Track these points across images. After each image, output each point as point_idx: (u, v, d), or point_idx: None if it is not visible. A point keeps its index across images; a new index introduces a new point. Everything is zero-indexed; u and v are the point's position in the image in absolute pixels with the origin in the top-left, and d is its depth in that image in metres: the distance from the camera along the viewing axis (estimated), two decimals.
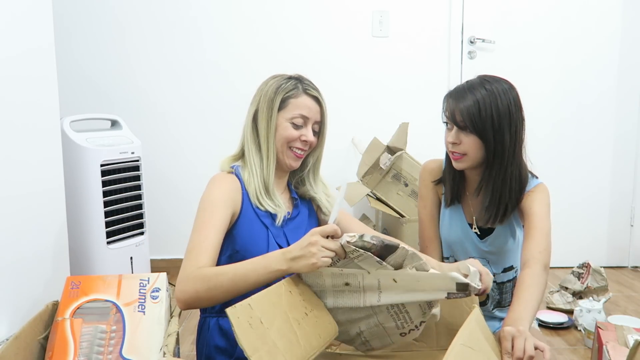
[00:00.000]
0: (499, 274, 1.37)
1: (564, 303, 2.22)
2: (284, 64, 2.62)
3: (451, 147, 1.27)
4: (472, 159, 1.26)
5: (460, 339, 0.79)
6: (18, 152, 1.38)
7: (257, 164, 1.21)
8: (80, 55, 2.66)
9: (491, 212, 1.28)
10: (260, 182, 1.20)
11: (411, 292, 0.96)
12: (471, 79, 1.29)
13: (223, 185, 1.17)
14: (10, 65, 1.36)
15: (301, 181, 1.33)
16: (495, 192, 1.27)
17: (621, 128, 2.79)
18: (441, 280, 0.94)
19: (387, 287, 0.97)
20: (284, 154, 1.22)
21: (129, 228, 2.12)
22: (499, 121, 1.22)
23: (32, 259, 1.44)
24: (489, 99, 1.21)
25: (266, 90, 1.22)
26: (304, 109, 1.20)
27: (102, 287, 1.10)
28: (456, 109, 1.23)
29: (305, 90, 1.21)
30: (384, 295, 0.98)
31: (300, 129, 1.21)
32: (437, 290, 0.94)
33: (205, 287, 1.01)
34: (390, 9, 2.69)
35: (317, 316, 0.98)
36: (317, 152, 1.29)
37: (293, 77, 1.24)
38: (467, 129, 1.23)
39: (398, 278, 0.95)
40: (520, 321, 0.97)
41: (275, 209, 1.20)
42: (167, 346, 0.99)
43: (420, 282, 0.94)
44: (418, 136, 2.47)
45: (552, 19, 2.72)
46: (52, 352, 0.99)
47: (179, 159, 2.73)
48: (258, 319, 0.85)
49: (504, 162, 1.25)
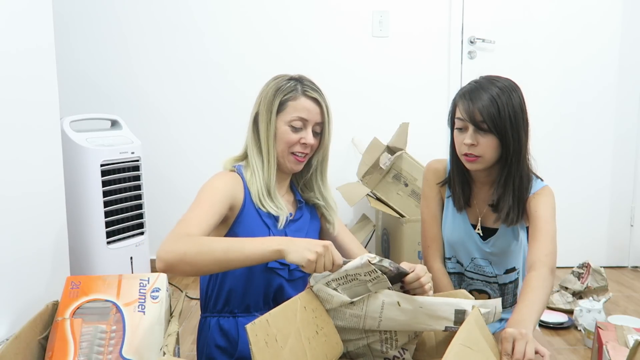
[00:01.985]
0: (501, 275, 1.37)
1: (564, 303, 2.22)
2: (284, 64, 2.62)
3: (467, 149, 1.24)
4: (487, 160, 1.25)
5: (460, 338, 0.79)
6: (18, 152, 1.38)
7: (258, 167, 1.21)
8: (80, 55, 2.66)
9: (514, 212, 1.27)
10: (262, 185, 1.20)
11: (412, 319, 0.97)
12: (477, 79, 1.27)
13: (226, 179, 1.18)
14: (10, 65, 1.36)
15: (308, 185, 1.31)
16: (516, 190, 1.26)
17: (621, 128, 2.79)
18: (442, 306, 0.95)
19: (389, 311, 0.97)
20: (285, 158, 1.21)
21: (129, 228, 2.12)
22: (515, 119, 1.22)
23: (32, 259, 1.44)
24: (504, 97, 1.21)
25: (266, 93, 1.22)
26: (303, 111, 1.19)
27: (102, 287, 1.10)
28: (475, 109, 1.21)
29: (304, 92, 1.20)
30: (384, 322, 0.99)
31: (299, 131, 1.20)
32: (437, 318, 0.96)
33: (195, 250, 0.98)
34: (390, 9, 2.69)
35: (327, 335, 0.99)
36: (320, 154, 1.27)
37: (294, 78, 1.23)
38: (486, 129, 1.21)
39: (402, 301, 0.95)
40: (523, 323, 0.97)
41: (277, 212, 1.20)
42: (167, 346, 0.99)
43: (423, 307, 0.95)
44: (418, 136, 2.47)
45: (552, 18, 2.72)
46: (52, 352, 0.99)
47: (179, 159, 2.73)
48: (274, 336, 0.86)
49: (520, 160, 1.25)
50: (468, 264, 1.38)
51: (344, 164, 2.72)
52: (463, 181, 1.34)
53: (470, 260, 1.38)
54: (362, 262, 0.94)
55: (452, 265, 1.41)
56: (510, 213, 1.27)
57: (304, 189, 1.32)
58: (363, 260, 0.94)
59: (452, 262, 1.41)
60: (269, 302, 1.20)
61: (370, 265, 0.93)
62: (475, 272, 1.38)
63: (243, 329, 1.18)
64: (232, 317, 1.20)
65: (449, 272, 1.40)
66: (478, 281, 1.39)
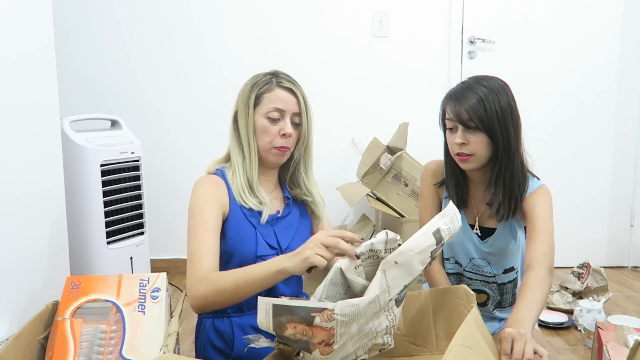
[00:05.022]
0: (500, 275, 1.37)
1: (564, 303, 2.22)
2: (283, 64, 2.61)
3: (458, 149, 1.25)
4: (479, 158, 1.26)
5: (459, 339, 0.79)
6: (18, 152, 1.39)
7: (239, 163, 1.21)
8: (80, 56, 2.66)
9: (505, 208, 1.28)
10: (244, 180, 1.20)
11: (409, 268, 0.91)
12: (465, 80, 1.29)
13: (207, 188, 1.18)
14: (11, 66, 1.36)
15: (295, 182, 1.31)
16: (506, 186, 1.27)
17: (621, 128, 2.79)
18: (424, 237, 0.91)
19: (390, 274, 0.91)
20: (268, 152, 1.21)
21: (129, 228, 2.12)
22: (503, 116, 1.22)
23: (32, 258, 1.44)
24: (491, 96, 1.22)
25: (243, 91, 1.23)
26: (278, 101, 1.19)
27: (102, 287, 1.10)
28: (461, 109, 1.23)
29: (279, 83, 1.20)
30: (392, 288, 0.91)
31: (277, 122, 1.19)
32: (426, 251, 0.91)
33: (212, 291, 1.04)
34: (390, 9, 2.69)
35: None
36: (302, 146, 1.25)
37: (269, 73, 1.23)
38: (474, 128, 1.22)
39: (396, 258, 0.91)
40: (522, 323, 0.97)
41: (259, 206, 1.19)
42: (167, 346, 0.99)
43: (413, 249, 0.91)
44: (418, 136, 2.47)
45: (552, 18, 2.72)
46: (52, 352, 0.99)
47: (178, 159, 2.73)
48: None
49: (510, 156, 1.25)
50: (467, 264, 1.38)
51: (344, 164, 2.72)
52: (457, 182, 1.35)
53: (469, 260, 1.38)
54: (390, 238, 0.92)
55: (451, 266, 1.41)
56: (500, 209, 1.28)
57: (291, 186, 1.31)
58: (390, 236, 0.92)
59: (450, 262, 1.41)
60: None
61: (396, 241, 0.92)
62: (474, 272, 1.38)
63: (238, 329, 1.19)
64: (226, 317, 1.20)
65: (448, 273, 1.40)
66: (477, 281, 1.39)
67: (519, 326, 0.95)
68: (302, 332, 0.84)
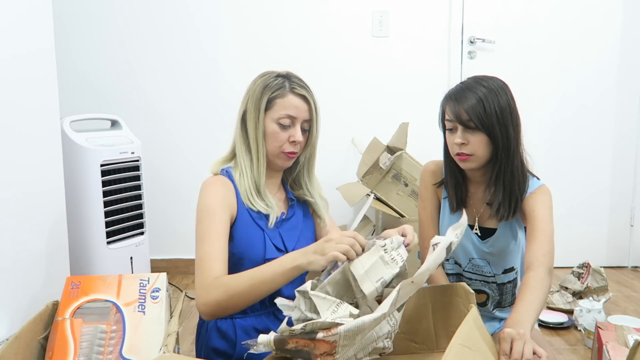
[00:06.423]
0: (500, 275, 1.37)
1: (564, 303, 2.22)
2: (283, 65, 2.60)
3: (458, 149, 1.26)
4: (479, 158, 1.26)
5: (459, 339, 0.79)
6: (18, 153, 1.38)
7: (247, 165, 1.20)
8: (80, 56, 2.66)
9: (505, 207, 1.28)
10: (251, 183, 1.19)
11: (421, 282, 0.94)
12: (465, 80, 1.29)
13: (216, 190, 1.16)
14: (11, 66, 1.36)
15: (297, 183, 1.31)
16: (506, 186, 1.27)
17: (621, 129, 2.79)
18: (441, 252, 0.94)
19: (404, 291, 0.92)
20: (276, 156, 1.20)
21: (129, 228, 2.12)
22: (502, 116, 1.23)
23: (32, 259, 1.44)
24: (490, 96, 1.22)
25: (253, 90, 1.20)
26: (291, 109, 1.17)
27: (102, 287, 1.10)
28: (460, 109, 1.23)
29: (292, 89, 1.18)
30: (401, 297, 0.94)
31: (287, 129, 1.18)
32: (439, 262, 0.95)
33: (225, 296, 1.02)
34: (390, 9, 2.69)
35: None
36: (308, 151, 1.26)
37: (281, 74, 1.21)
38: (474, 128, 1.22)
39: (416, 279, 0.92)
40: (521, 324, 0.97)
41: (267, 210, 1.18)
42: (167, 346, 0.99)
43: (429, 270, 0.91)
44: (418, 136, 2.47)
45: (552, 19, 2.72)
46: (52, 352, 0.99)
47: (178, 159, 2.73)
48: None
49: (510, 156, 1.25)
50: (466, 265, 1.38)
51: (344, 164, 2.72)
52: (457, 182, 1.35)
53: (469, 260, 1.38)
54: (399, 241, 0.96)
55: (450, 267, 1.41)
56: (500, 208, 1.28)
57: (293, 187, 1.31)
58: (400, 240, 0.96)
59: (450, 263, 1.41)
60: (265, 302, 1.19)
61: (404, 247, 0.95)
62: (474, 272, 1.38)
63: (240, 330, 1.18)
64: (229, 318, 1.19)
65: (447, 273, 1.41)
66: (476, 281, 1.39)
67: (518, 326, 0.95)
68: (304, 345, 0.84)
